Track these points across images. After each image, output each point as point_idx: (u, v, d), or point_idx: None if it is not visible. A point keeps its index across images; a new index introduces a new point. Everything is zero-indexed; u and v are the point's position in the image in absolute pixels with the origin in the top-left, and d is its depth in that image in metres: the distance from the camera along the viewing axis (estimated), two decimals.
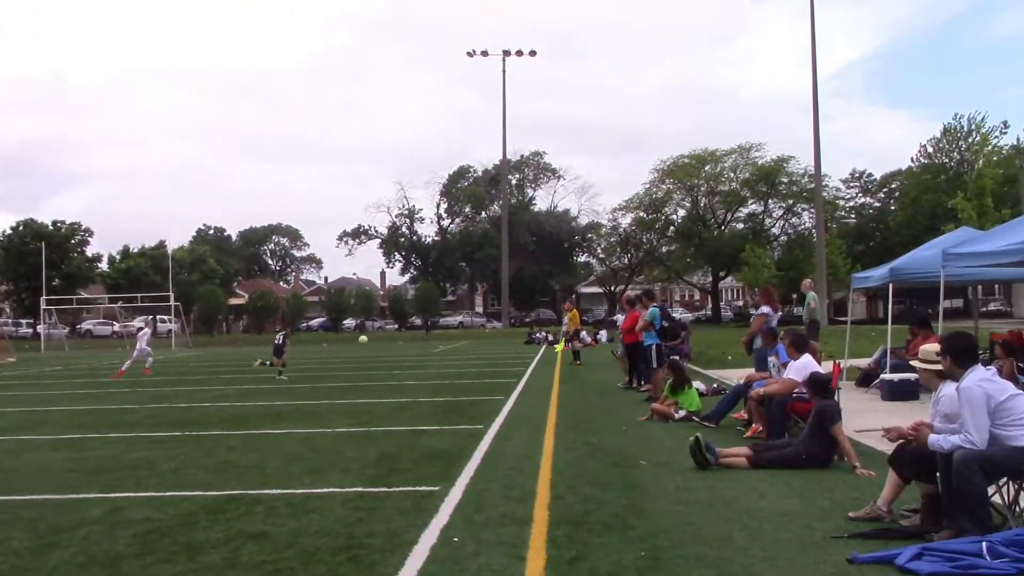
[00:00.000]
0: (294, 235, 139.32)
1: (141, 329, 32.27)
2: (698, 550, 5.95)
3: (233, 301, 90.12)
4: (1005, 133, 58.88)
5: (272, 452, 10.76)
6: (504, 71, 67.16)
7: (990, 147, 50.70)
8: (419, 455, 10.26)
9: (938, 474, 6.11)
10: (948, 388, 6.33)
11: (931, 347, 6.69)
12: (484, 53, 65.87)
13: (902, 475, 6.57)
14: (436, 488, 8.24)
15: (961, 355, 6.19)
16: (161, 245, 77.91)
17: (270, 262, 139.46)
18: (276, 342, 25.14)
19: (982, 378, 6.04)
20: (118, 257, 78.76)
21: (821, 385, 9.13)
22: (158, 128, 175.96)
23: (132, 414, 15.78)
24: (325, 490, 8.32)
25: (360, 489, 8.32)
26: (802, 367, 9.97)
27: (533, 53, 66.61)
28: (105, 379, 25.94)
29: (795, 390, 10.07)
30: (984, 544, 5.47)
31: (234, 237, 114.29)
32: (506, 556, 5.90)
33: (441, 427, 12.83)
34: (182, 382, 24.24)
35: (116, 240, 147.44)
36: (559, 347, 28.19)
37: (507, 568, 5.64)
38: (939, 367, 6.44)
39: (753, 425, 11.25)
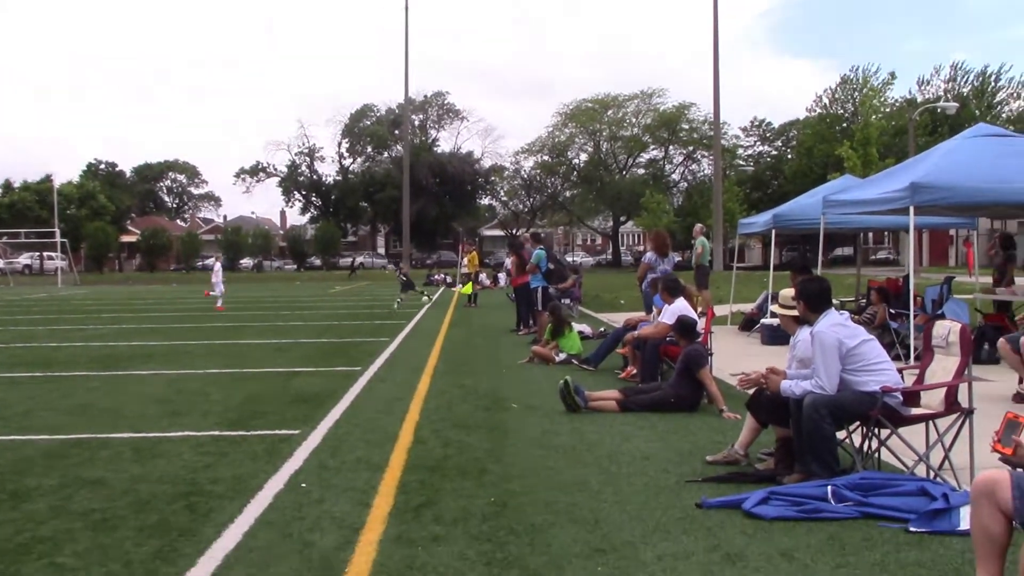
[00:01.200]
0: (191, 172, 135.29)
1: None
2: (550, 495, 5.84)
3: (125, 238, 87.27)
4: (892, 85, 60.27)
5: (134, 394, 10.34)
6: (407, 8, 65.64)
7: (877, 100, 51.84)
8: (287, 398, 9.97)
9: (791, 418, 6.09)
10: (803, 333, 6.32)
11: (788, 292, 6.67)
12: None
13: (759, 419, 6.56)
14: (296, 432, 7.98)
15: (814, 300, 6.15)
16: (47, 179, 74.71)
17: (166, 199, 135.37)
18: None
19: (835, 323, 6.02)
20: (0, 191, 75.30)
21: (688, 329, 9.11)
22: (52, 59, 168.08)
23: None
24: (179, 434, 7.98)
25: (216, 433, 8.00)
26: (674, 311, 9.94)
27: None
28: None
29: (669, 334, 10.04)
30: (829, 488, 5.48)
31: (128, 173, 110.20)
32: (351, 503, 5.70)
33: (317, 369, 12.55)
34: (60, 321, 23.30)
35: (5, 174, 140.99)
36: (466, 289, 27.97)
37: (349, 515, 5.43)
38: (795, 312, 6.42)
39: (628, 368, 11.26)
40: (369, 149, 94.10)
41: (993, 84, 67.21)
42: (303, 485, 6.14)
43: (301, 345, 15.92)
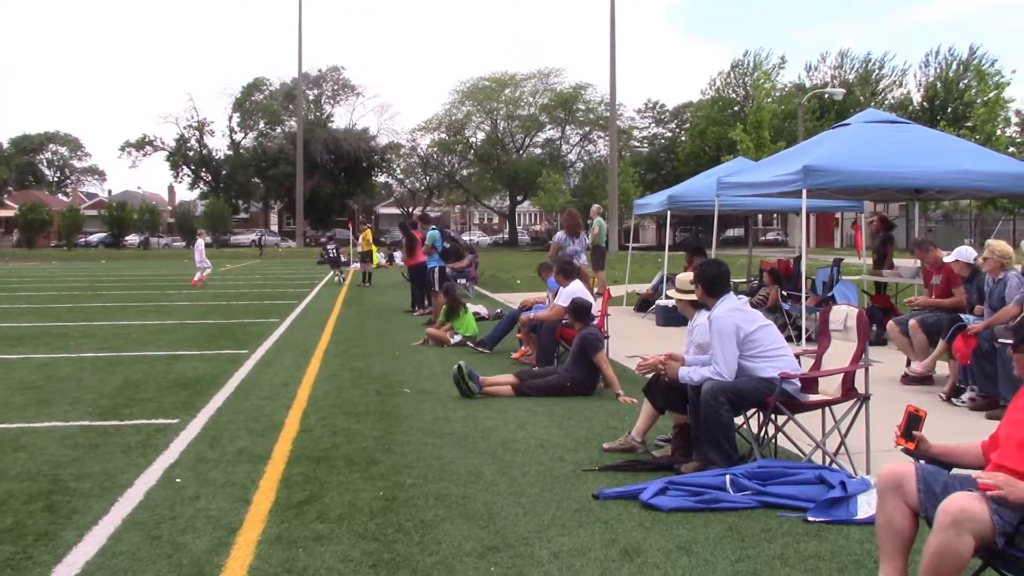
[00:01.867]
0: (74, 144, 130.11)
1: None
2: (441, 487, 5.59)
3: (2, 213, 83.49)
4: (783, 68, 61.63)
5: None
6: None
7: (768, 84, 52.92)
8: (167, 383, 9.46)
9: (688, 405, 5.97)
10: (701, 317, 6.20)
11: (686, 276, 6.53)
12: None
13: (656, 405, 6.42)
14: (175, 421, 7.55)
15: (712, 283, 6.03)
16: None
17: (47, 172, 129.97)
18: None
19: (732, 307, 5.91)
20: None
21: (583, 311, 8.94)
22: None
23: None
24: (45, 424, 7.45)
25: (86, 423, 7.50)
26: (569, 293, 9.77)
27: None
28: None
29: (564, 317, 9.87)
30: (728, 477, 5.37)
31: (5, 144, 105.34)
32: (230, 499, 5.34)
33: (201, 352, 12.00)
34: None
35: None
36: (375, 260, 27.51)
37: (226, 513, 5.08)
38: (693, 297, 6.29)
39: (522, 348, 11.08)
40: (262, 124, 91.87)
41: (877, 71, 69.28)
42: (177, 480, 5.75)
43: (186, 326, 15.27)
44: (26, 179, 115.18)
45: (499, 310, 17.38)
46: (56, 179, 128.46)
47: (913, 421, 3.73)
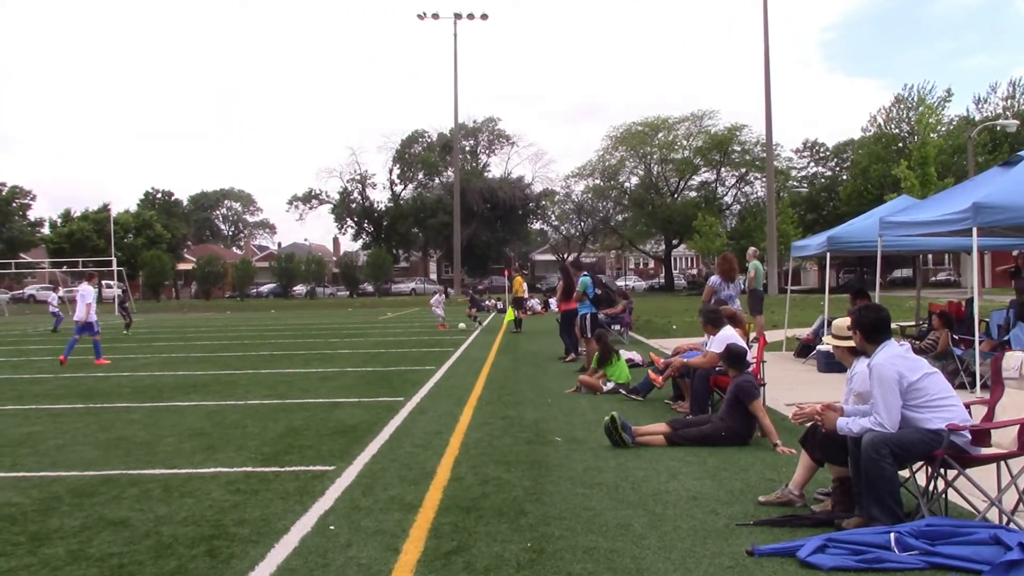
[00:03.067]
0: (247, 200, 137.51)
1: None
2: (590, 540, 5.49)
3: (182, 266, 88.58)
4: (948, 103, 58.99)
5: (172, 427, 10.16)
6: (455, 34, 65.92)
7: (934, 117, 50.77)
8: (326, 430, 9.72)
9: (849, 457, 5.69)
10: (861, 365, 5.91)
11: (843, 322, 6.24)
12: (435, 16, 64.42)
13: (814, 457, 6.15)
14: (331, 468, 7.73)
15: (871, 329, 5.74)
16: (104, 209, 76.11)
17: (222, 227, 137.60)
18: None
19: (895, 355, 5.60)
20: (59, 221, 76.80)
21: (737, 358, 8.69)
22: (107, 90, 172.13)
23: (41, 384, 15.04)
24: (211, 470, 7.76)
25: (249, 469, 7.77)
26: (722, 340, 9.53)
27: (485, 16, 65.32)
28: (32, 345, 25.08)
29: (718, 364, 9.64)
30: (892, 535, 5.06)
31: (185, 202, 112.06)
32: (380, 548, 5.40)
33: (360, 399, 12.29)
34: (110, 350, 23.41)
35: (66, 204, 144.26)
36: (509, 315, 27.92)
37: (375, 562, 5.13)
38: (851, 343, 6.01)
39: (678, 403, 10.89)
40: (420, 175, 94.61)
41: None
42: (331, 527, 5.86)
43: (346, 374, 15.71)
44: (203, 234, 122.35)
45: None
46: (230, 233, 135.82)
47: None
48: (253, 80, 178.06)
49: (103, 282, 77.74)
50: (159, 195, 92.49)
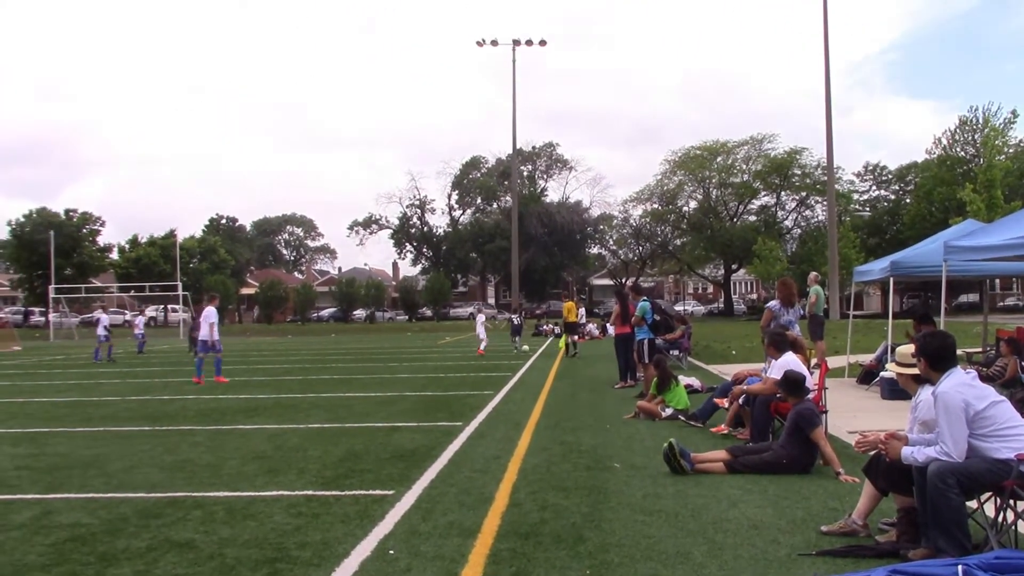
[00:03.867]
0: (308, 225, 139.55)
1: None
2: (649, 568, 5.46)
3: (245, 291, 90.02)
4: (1014, 124, 57.74)
5: (235, 450, 10.32)
6: (514, 61, 66.22)
7: (1000, 139, 49.58)
8: (386, 454, 9.79)
9: (915, 487, 5.59)
10: (925, 393, 5.81)
11: (907, 349, 6.15)
12: (494, 43, 64.86)
13: (878, 486, 6.06)
14: (391, 492, 7.78)
15: (936, 357, 5.64)
16: (171, 235, 77.79)
17: (284, 252, 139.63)
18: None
19: (961, 383, 5.49)
20: (127, 247, 78.62)
21: (796, 385, 8.58)
22: (174, 117, 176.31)
23: (109, 407, 15.38)
24: (273, 493, 7.86)
25: (310, 492, 7.86)
26: (782, 365, 9.44)
27: (543, 43, 65.65)
28: (98, 368, 25.67)
29: (778, 390, 9.53)
30: (960, 567, 4.94)
31: (248, 227, 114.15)
32: (439, 573, 5.43)
33: (419, 424, 12.37)
34: (176, 372, 23.91)
35: (135, 229, 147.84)
36: (560, 341, 28.08)
37: None
38: (915, 371, 5.91)
39: (723, 425, 10.80)
40: (479, 200, 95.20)
41: None
42: (391, 552, 5.90)
43: (405, 398, 15.82)
44: (266, 259, 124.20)
45: (712, 385, 17.05)
46: (292, 258, 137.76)
47: None
48: (315, 107, 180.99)
49: (169, 307, 79.43)
50: (223, 221, 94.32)
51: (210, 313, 20.74)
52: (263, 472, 8.91)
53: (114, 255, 79.70)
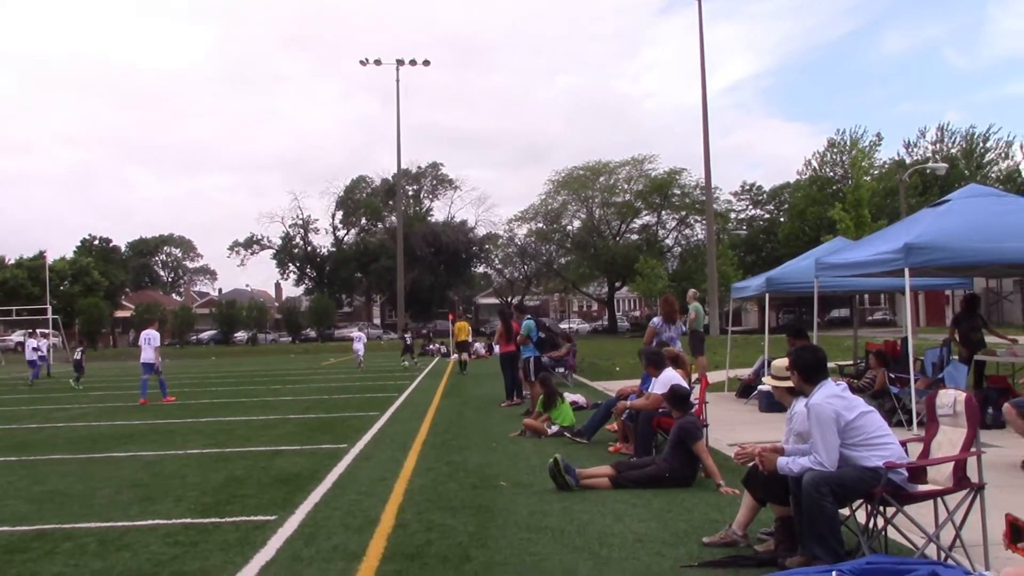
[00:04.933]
0: (187, 246, 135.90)
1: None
2: None
3: (120, 314, 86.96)
4: (879, 147, 60.55)
5: (108, 479, 9.92)
6: (398, 80, 66.25)
7: (867, 161, 51.89)
8: (268, 479, 9.57)
9: (791, 497, 5.74)
10: (800, 405, 5.99)
11: (781, 363, 6.33)
12: (377, 62, 64.72)
13: (757, 496, 6.21)
14: (272, 517, 7.60)
15: (808, 370, 5.83)
16: (40, 256, 74.60)
17: (161, 273, 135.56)
18: (75, 358, 28.38)
19: (831, 394, 5.68)
20: None
21: (680, 399, 8.76)
22: (42, 132, 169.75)
23: None
24: (149, 522, 7.57)
25: (188, 520, 7.60)
26: (665, 381, 9.61)
27: (427, 63, 65.91)
28: None
29: (662, 405, 9.70)
30: (834, 573, 5.08)
31: (123, 248, 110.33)
32: None
33: (302, 447, 12.13)
34: (45, 400, 22.89)
35: (2, 251, 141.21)
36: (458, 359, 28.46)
37: None
38: (789, 384, 6.10)
39: (617, 444, 10.92)
40: (363, 220, 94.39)
41: (981, 144, 67.72)
42: None
43: (288, 421, 15.51)
44: (142, 280, 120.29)
45: (597, 401, 17.24)
46: (170, 279, 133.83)
47: (1016, 532, 3.51)
48: (193, 124, 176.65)
49: (38, 331, 76.07)
50: (96, 241, 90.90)
51: (153, 336, 21.25)
52: (138, 500, 8.58)
53: None
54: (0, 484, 9.77)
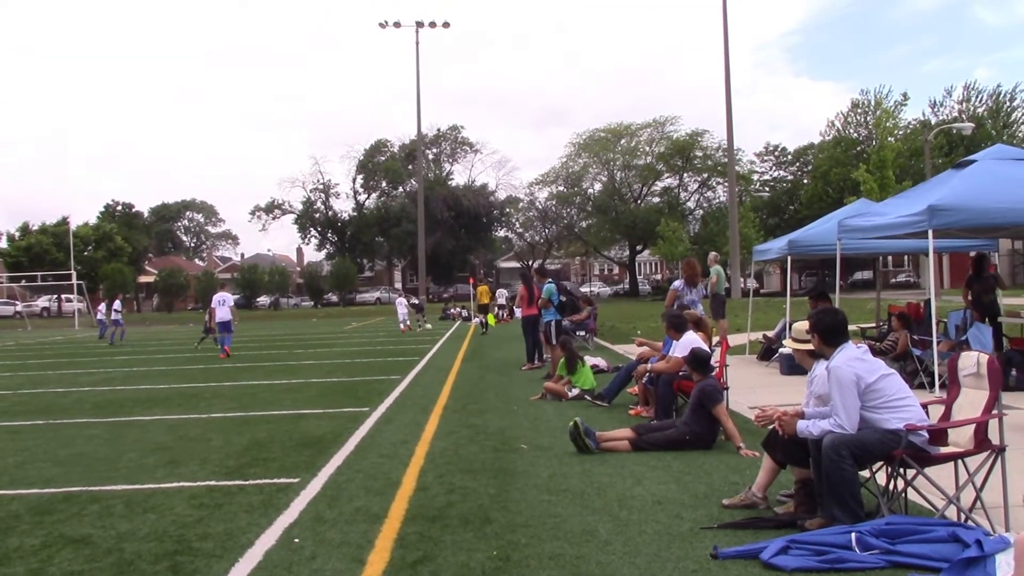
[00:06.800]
0: (209, 211, 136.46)
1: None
2: (555, 547, 5.50)
3: (143, 279, 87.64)
4: (904, 107, 59.78)
5: (134, 442, 10.04)
6: (417, 43, 65.73)
7: (891, 121, 51.24)
8: (291, 442, 9.66)
9: (811, 459, 5.74)
10: (820, 368, 5.97)
11: (802, 325, 6.31)
12: (396, 24, 64.19)
13: (776, 459, 6.22)
14: (296, 480, 7.68)
15: (828, 333, 5.80)
16: (63, 222, 75.16)
17: (184, 239, 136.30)
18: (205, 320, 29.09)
19: (852, 357, 5.66)
20: (17, 234, 75.66)
21: (701, 362, 8.76)
22: (65, 100, 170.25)
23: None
24: (175, 484, 7.68)
25: (213, 483, 7.70)
26: (686, 344, 9.60)
27: (447, 24, 65.29)
28: None
29: (682, 368, 9.70)
30: (853, 535, 5.12)
31: (146, 214, 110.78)
32: (345, 560, 5.37)
33: (325, 410, 12.23)
34: (71, 364, 23.15)
35: (24, 216, 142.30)
36: (490, 319, 28.84)
37: (341, 574, 5.11)
38: (810, 346, 6.08)
39: (637, 407, 10.94)
40: (384, 184, 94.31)
41: (1009, 103, 66.69)
42: (296, 540, 5.82)
43: (311, 385, 15.63)
44: (165, 246, 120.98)
45: (618, 364, 17.25)
46: (192, 245, 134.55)
47: None
48: (214, 89, 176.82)
49: (62, 296, 76.78)
50: (119, 207, 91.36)
51: (227, 297, 24.55)
52: (163, 463, 8.69)
53: (2, 243, 76.76)
54: (28, 447, 9.92)
